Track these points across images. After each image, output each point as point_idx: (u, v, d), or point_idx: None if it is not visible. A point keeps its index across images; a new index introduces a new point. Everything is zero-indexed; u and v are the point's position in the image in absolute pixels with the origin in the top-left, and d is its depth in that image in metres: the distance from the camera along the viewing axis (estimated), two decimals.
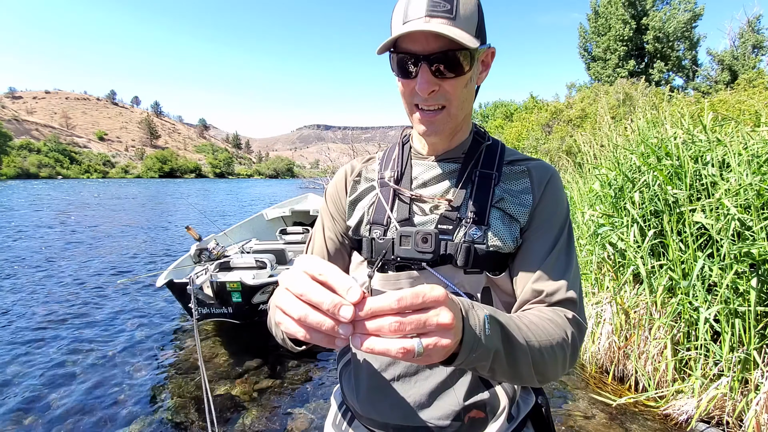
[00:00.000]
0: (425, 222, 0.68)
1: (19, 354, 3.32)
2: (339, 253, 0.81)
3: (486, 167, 0.69)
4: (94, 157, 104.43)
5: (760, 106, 3.76)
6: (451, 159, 0.72)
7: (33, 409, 2.59)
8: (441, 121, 0.64)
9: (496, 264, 0.66)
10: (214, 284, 3.15)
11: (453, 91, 0.61)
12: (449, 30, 0.55)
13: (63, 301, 4.67)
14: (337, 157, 30.84)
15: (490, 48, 0.64)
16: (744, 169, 2.16)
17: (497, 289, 0.67)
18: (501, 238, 0.65)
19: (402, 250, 0.65)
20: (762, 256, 1.97)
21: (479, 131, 0.75)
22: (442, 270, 0.65)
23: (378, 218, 0.71)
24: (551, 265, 0.64)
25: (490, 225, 0.65)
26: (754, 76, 14.04)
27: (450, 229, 0.66)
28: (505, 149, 0.73)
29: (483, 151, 0.71)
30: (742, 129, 2.53)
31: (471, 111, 0.70)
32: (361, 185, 0.78)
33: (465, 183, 0.68)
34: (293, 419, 2.50)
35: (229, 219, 12.36)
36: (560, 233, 0.67)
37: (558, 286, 0.63)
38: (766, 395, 1.91)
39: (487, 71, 0.67)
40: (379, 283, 0.70)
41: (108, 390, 2.80)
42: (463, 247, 0.63)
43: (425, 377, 0.66)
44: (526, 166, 0.70)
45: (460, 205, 0.67)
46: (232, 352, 3.32)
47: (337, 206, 0.80)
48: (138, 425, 2.42)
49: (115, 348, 3.44)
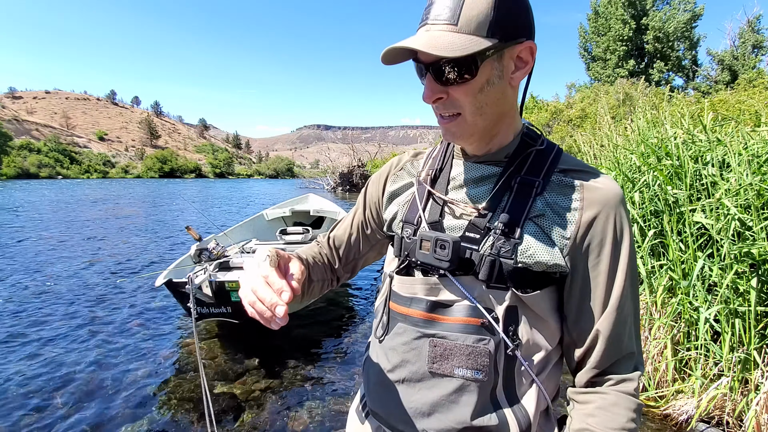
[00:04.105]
0: (454, 227, 0.65)
1: (18, 354, 3.32)
2: (358, 242, 0.85)
3: (530, 174, 0.62)
4: (94, 157, 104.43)
5: (760, 106, 3.76)
6: (493, 162, 0.66)
7: (32, 408, 2.58)
8: (457, 128, 0.61)
9: (526, 281, 0.60)
10: (213, 284, 3.14)
11: (463, 97, 0.57)
12: (438, 40, 0.53)
13: (62, 300, 4.67)
14: (337, 157, 30.80)
15: (522, 43, 0.56)
16: (744, 169, 2.15)
17: (526, 309, 0.61)
18: (532, 256, 0.59)
19: (421, 254, 0.63)
20: (762, 256, 1.96)
21: (531, 133, 0.67)
22: (463, 280, 0.61)
23: (410, 217, 0.70)
24: (611, 314, 0.59)
25: (521, 239, 0.59)
26: (754, 76, 14.04)
27: (476, 238, 0.61)
28: (561, 155, 0.65)
29: (531, 155, 0.64)
30: (742, 129, 2.53)
31: (508, 112, 0.63)
32: (403, 180, 0.77)
33: (502, 189, 0.62)
34: (293, 419, 2.50)
35: (229, 219, 12.36)
36: (620, 272, 0.59)
37: (617, 340, 0.60)
38: (766, 395, 1.91)
39: (526, 67, 0.58)
40: (396, 284, 0.69)
41: (107, 390, 2.80)
42: (487, 260, 0.59)
43: (429, 386, 0.64)
44: (581, 180, 0.61)
45: (492, 213, 0.62)
46: (232, 351, 3.32)
47: (373, 196, 0.82)
48: (137, 425, 2.42)
49: (114, 348, 3.44)
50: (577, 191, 0.60)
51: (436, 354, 0.62)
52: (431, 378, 0.63)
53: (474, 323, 0.60)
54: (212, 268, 3.62)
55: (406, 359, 0.65)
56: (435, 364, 0.62)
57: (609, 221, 0.59)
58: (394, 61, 0.59)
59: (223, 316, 3.31)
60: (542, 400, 0.64)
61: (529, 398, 0.62)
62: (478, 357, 0.59)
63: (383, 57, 0.58)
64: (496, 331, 0.60)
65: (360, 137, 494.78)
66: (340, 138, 68.49)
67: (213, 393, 2.73)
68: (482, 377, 0.60)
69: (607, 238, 0.59)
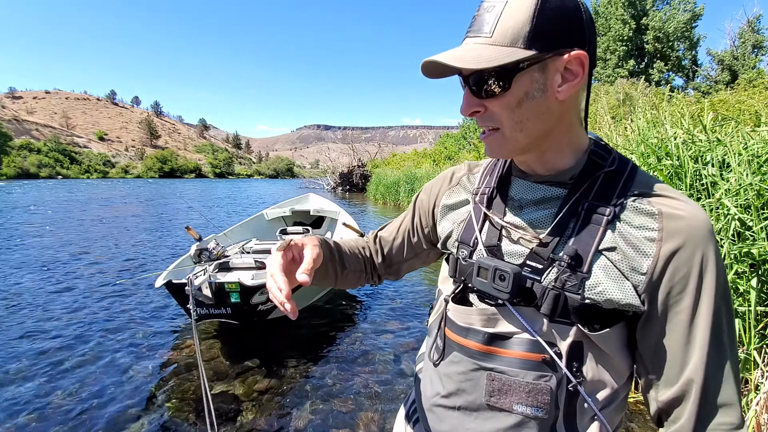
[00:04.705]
0: (513, 252, 0.61)
1: (18, 354, 3.32)
2: (402, 248, 0.85)
3: (599, 199, 0.56)
4: (94, 157, 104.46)
5: (760, 106, 3.76)
6: (556, 183, 0.60)
7: (31, 409, 2.58)
8: (495, 143, 0.58)
9: (594, 318, 0.55)
10: (212, 285, 3.14)
11: (498, 111, 0.55)
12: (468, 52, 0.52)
13: (62, 300, 4.67)
14: (337, 157, 30.82)
15: (569, 54, 0.52)
16: (744, 169, 2.15)
17: (593, 346, 0.56)
18: (602, 293, 0.53)
19: (478, 281, 0.60)
20: (762, 256, 1.96)
21: (599, 151, 0.60)
22: (523, 311, 0.58)
23: (466, 237, 0.67)
24: (701, 360, 0.51)
25: (589, 274, 0.54)
26: (754, 76, 14.04)
27: (539, 269, 0.57)
28: (636, 175, 0.58)
29: (600, 178, 0.58)
30: (742, 129, 2.53)
31: (556, 129, 0.58)
32: (459, 195, 0.74)
33: (567, 216, 0.57)
34: (293, 419, 2.50)
35: (229, 219, 12.36)
36: (708, 310, 0.51)
37: (712, 390, 0.52)
38: (766, 395, 1.91)
39: (577, 80, 0.53)
40: (452, 312, 0.66)
41: (106, 390, 2.80)
42: (551, 294, 0.55)
43: (486, 417, 0.61)
44: (660, 206, 0.53)
45: (557, 242, 0.57)
46: (232, 352, 3.32)
47: (424, 206, 0.80)
48: (137, 425, 2.42)
49: (114, 348, 3.44)
50: (656, 220, 0.53)
51: (494, 388, 0.60)
52: (488, 410, 0.61)
53: (535, 359, 0.57)
54: (212, 268, 3.62)
55: (463, 389, 0.64)
56: (493, 398, 0.60)
57: (695, 255, 0.51)
58: (435, 75, 0.58)
59: (222, 317, 3.31)
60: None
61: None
62: (538, 395, 0.57)
63: (423, 70, 0.57)
64: (558, 368, 0.56)
65: (360, 137, 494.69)
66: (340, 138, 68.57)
67: (213, 393, 2.73)
68: (542, 415, 0.57)
69: (692, 274, 0.51)
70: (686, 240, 0.51)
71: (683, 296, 0.52)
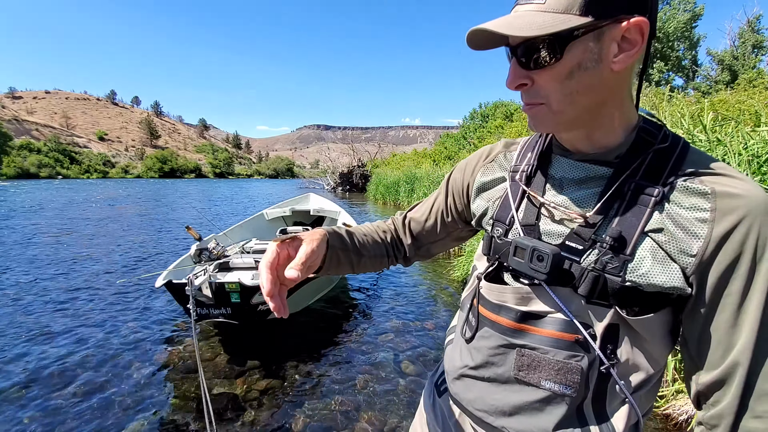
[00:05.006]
0: (552, 232, 0.59)
1: (18, 354, 3.32)
2: (435, 228, 0.83)
3: (647, 178, 0.53)
4: (94, 157, 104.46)
5: (760, 106, 3.75)
6: (601, 161, 0.57)
7: (31, 409, 2.58)
8: (541, 117, 0.55)
9: (633, 301, 0.53)
10: (212, 285, 3.14)
11: (546, 84, 0.52)
12: (518, 20, 0.49)
13: (61, 300, 4.67)
14: (337, 157, 30.82)
15: (628, 21, 0.47)
16: (744, 169, 2.16)
17: (630, 330, 0.55)
18: (645, 276, 0.51)
19: (515, 261, 0.58)
20: None
21: (649, 128, 0.57)
22: (559, 292, 0.56)
23: (502, 215, 0.65)
24: (750, 343, 0.49)
25: (633, 256, 0.52)
26: (754, 76, 14.04)
27: (579, 249, 0.55)
28: (688, 153, 0.54)
29: (649, 157, 0.54)
30: (742, 129, 2.53)
31: (610, 102, 0.54)
32: (494, 172, 0.72)
33: (613, 196, 0.54)
34: (293, 419, 2.50)
35: (229, 219, 12.37)
36: (761, 293, 0.48)
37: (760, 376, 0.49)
38: None
39: (635, 50, 0.49)
40: (485, 289, 0.66)
41: (106, 390, 2.80)
42: (590, 275, 0.53)
43: (514, 390, 0.62)
44: (712, 187, 0.50)
45: (600, 222, 0.54)
46: (231, 352, 3.32)
47: (458, 184, 0.78)
48: (137, 426, 2.42)
49: (114, 348, 3.44)
50: (708, 200, 0.50)
51: (523, 363, 0.60)
52: (516, 383, 0.61)
53: (568, 338, 0.56)
54: (212, 268, 3.62)
55: (492, 362, 0.64)
56: (522, 372, 0.60)
57: (750, 235, 0.48)
58: (481, 46, 0.54)
59: (222, 317, 3.31)
60: (633, 416, 0.59)
61: (619, 416, 0.58)
62: (568, 373, 0.56)
63: (468, 41, 0.52)
64: (591, 349, 0.55)
65: (360, 137, 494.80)
66: (340, 138, 68.58)
67: (213, 393, 2.73)
68: (571, 392, 0.57)
69: (745, 254, 0.48)
70: (741, 220, 0.48)
71: (735, 278, 0.49)
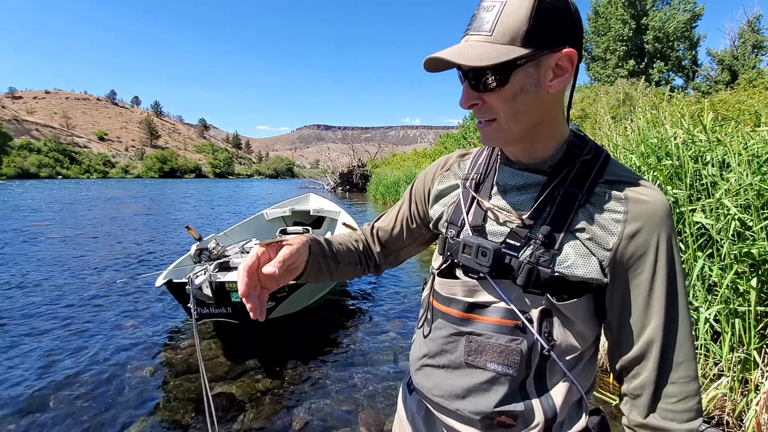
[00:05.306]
0: (495, 232, 0.68)
1: (18, 354, 3.32)
2: (402, 234, 0.90)
3: (573, 185, 0.63)
4: (94, 157, 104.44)
5: (760, 106, 3.75)
6: (537, 171, 0.67)
7: (31, 409, 2.58)
8: (492, 133, 0.63)
9: (562, 289, 0.62)
10: (212, 284, 3.14)
11: (496, 104, 0.60)
12: (470, 50, 0.56)
13: (62, 300, 4.67)
14: (337, 157, 30.81)
15: (561, 51, 0.56)
16: (744, 169, 2.15)
17: (560, 315, 0.64)
18: (570, 268, 0.61)
19: (463, 257, 0.67)
20: (762, 256, 1.96)
21: (577, 142, 0.67)
22: (501, 284, 0.65)
23: (455, 219, 0.74)
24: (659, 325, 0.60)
25: (560, 251, 0.61)
26: (754, 76, 14.05)
27: (517, 246, 0.64)
28: (609, 165, 0.64)
29: (576, 167, 0.64)
30: (742, 129, 2.53)
31: (546, 120, 0.63)
32: (449, 180, 0.81)
33: (545, 200, 0.64)
34: (293, 419, 2.50)
35: (229, 219, 12.36)
36: (664, 282, 0.59)
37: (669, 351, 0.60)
38: (766, 395, 1.91)
39: (566, 76, 0.58)
40: (438, 284, 0.74)
41: (106, 390, 2.80)
42: (526, 267, 0.62)
43: (464, 374, 0.69)
44: (626, 192, 0.61)
45: (534, 223, 0.64)
46: (232, 352, 3.32)
47: (419, 192, 0.86)
48: (137, 425, 2.42)
49: (114, 348, 3.44)
50: (622, 203, 0.60)
51: (471, 349, 0.67)
52: (467, 368, 0.69)
53: (508, 324, 0.64)
54: (212, 268, 3.62)
55: (445, 350, 0.72)
56: (470, 357, 0.68)
57: (654, 233, 0.59)
58: (436, 69, 0.61)
59: (223, 317, 3.31)
60: (574, 392, 0.67)
61: (558, 390, 0.66)
62: (509, 355, 0.64)
63: (425, 65, 0.60)
64: (529, 332, 0.63)
65: (360, 137, 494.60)
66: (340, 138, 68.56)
67: (213, 393, 2.73)
68: (513, 372, 0.64)
69: (650, 250, 0.59)
70: (647, 221, 0.59)
71: (644, 269, 0.60)
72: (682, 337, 0.61)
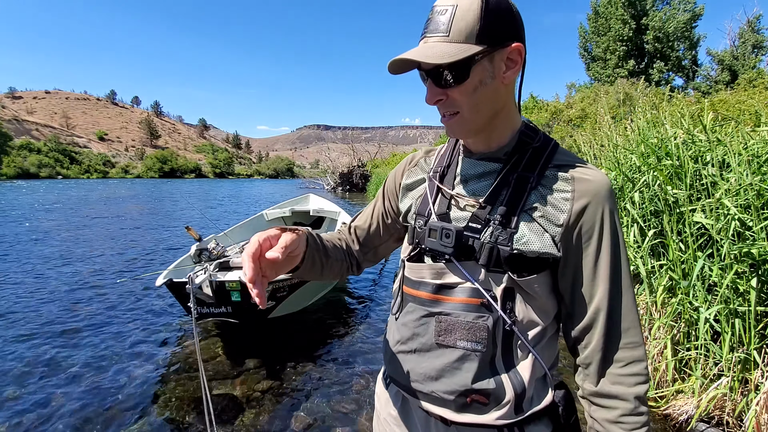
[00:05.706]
0: (459, 218, 0.73)
1: (17, 353, 3.32)
2: (378, 230, 0.94)
3: (526, 170, 0.69)
4: (94, 157, 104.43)
5: (760, 106, 3.76)
6: (494, 159, 0.73)
7: (30, 409, 2.58)
8: (457, 125, 0.69)
9: (522, 266, 0.67)
10: (213, 284, 3.14)
11: (459, 98, 0.65)
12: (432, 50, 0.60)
13: (62, 300, 4.67)
14: (337, 157, 30.80)
15: (510, 46, 0.63)
16: (744, 169, 2.15)
17: (521, 291, 0.68)
18: (526, 244, 0.66)
19: (429, 241, 0.72)
20: (762, 256, 1.96)
21: (528, 132, 0.73)
22: (466, 265, 0.69)
23: (422, 209, 0.79)
24: (605, 291, 0.66)
25: (517, 229, 0.67)
26: (754, 76, 14.05)
27: (478, 228, 0.69)
28: (557, 152, 0.71)
29: (528, 153, 0.70)
30: (742, 129, 2.53)
31: (503, 109, 0.69)
32: (416, 175, 0.86)
33: (500, 184, 0.70)
34: (293, 419, 2.50)
35: (229, 219, 12.36)
36: (610, 253, 0.66)
37: (616, 317, 0.66)
38: (766, 395, 1.91)
39: (516, 67, 0.65)
40: (407, 270, 0.78)
41: (106, 390, 2.80)
42: (486, 247, 0.67)
43: (436, 356, 0.72)
44: (573, 173, 0.67)
45: (492, 206, 0.69)
46: (232, 352, 3.32)
47: (391, 189, 0.91)
48: (137, 425, 2.42)
49: (114, 348, 3.44)
50: (569, 183, 0.66)
51: (441, 329, 0.71)
52: (438, 348, 0.72)
53: (474, 303, 0.69)
54: (212, 268, 3.62)
55: (417, 333, 0.75)
56: (440, 337, 0.71)
57: (598, 209, 0.65)
58: (400, 70, 0.67)
59: (223, 316, 3.31)
60: (538, 368, 0.71)
61: (524, 366, 0.69)
62: (477, 331, 0.68)
63: (390, 67, 0.65)
64: (494, 309, 0.67)
65: (360, 137, 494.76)
66: (340, 138, 68.55)
67: (213, 393, 2.73)
68: (481, 348, 0.68)
69: (596, 224, 0.65)
70: (593, 198, 0.65)
71: (590, 242, 0.66)
72: (627, 304, 0.66)
